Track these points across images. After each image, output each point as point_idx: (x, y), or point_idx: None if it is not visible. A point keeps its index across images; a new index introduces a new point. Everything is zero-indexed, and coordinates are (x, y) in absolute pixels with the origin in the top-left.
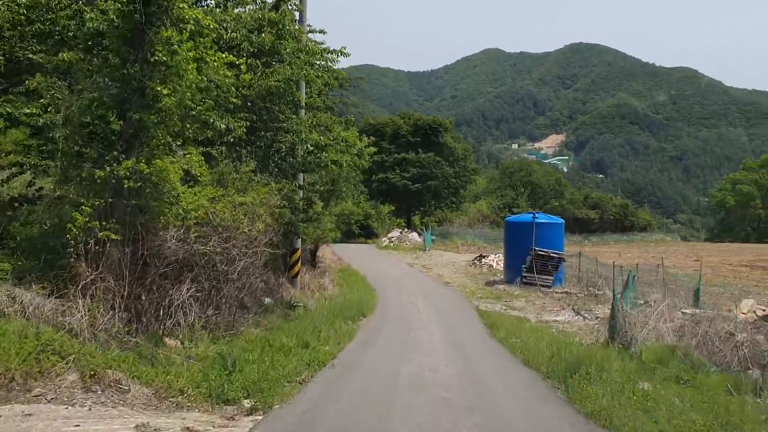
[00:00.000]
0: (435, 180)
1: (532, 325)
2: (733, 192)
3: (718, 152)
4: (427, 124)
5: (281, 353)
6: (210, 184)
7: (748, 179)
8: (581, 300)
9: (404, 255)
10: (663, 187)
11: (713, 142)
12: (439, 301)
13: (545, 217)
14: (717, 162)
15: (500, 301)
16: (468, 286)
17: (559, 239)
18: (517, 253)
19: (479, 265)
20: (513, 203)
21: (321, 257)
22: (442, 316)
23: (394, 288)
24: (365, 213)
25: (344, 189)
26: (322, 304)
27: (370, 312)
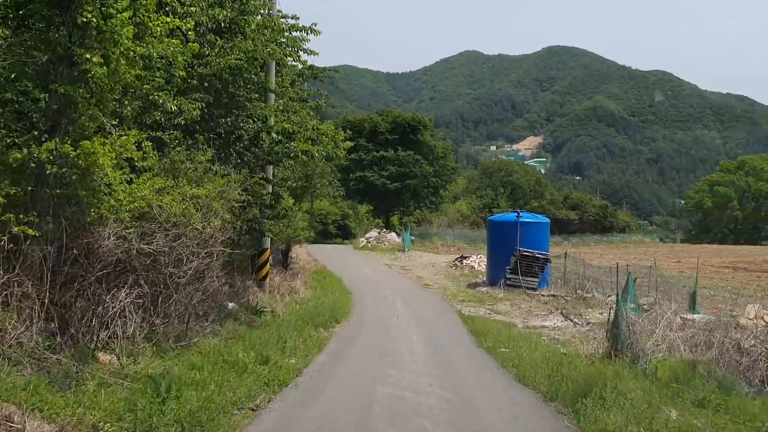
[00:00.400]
0: (414, 179)
1: (520, 331)
2: (710, 193)
3: (693, 155)
4: (406, 122)
5: (234, 371)
6: (160, 174)
7: (725, 181)
8: (569, 303)
9: (382, 256)
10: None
11: (688, 144)
12: (420, 305)
13: (530, 216)
14: (692, 164)
15: (483, 304)
16: (449, 289)
17: (545, 239)
18: (501, 254)
19: (460, 267)
20: (493, 203)
21: (294, 258)
22: (423, 322)
23: (371, 291)
24: (343, 213)
25: (319, 185)
26: (293, 309)
27: (344, 317)
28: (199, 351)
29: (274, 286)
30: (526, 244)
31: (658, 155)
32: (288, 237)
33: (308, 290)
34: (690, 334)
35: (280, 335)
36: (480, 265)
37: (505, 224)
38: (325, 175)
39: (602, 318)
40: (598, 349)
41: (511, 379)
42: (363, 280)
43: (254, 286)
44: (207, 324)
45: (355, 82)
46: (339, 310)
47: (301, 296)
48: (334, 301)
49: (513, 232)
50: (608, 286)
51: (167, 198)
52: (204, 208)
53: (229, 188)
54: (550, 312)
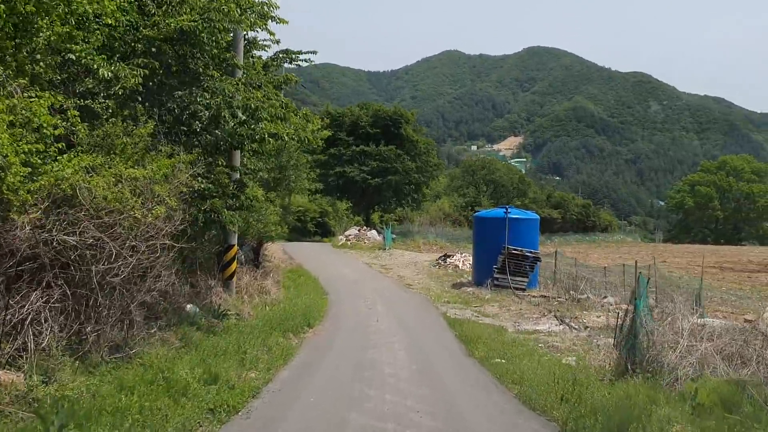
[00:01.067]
0: (396, 175)
1: (513, 337)
2: (691, 193)
3: (671, 156)
4: (387, 116)
5: (169, 396)
6: (90, 150)
7: (706, 180)
8: (563, 305)
9: (362, 254)
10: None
11: (666, 145)
12: (402, 307)
13: (519, 212)
14: (670, 165)
15: (470, 306)
16: (433, 289)
17: (534, 237)
18: (488, 252)
19: (444, 266)
20: (475, 202)
21: (269, 256)
22: (406, 326)
23: (349, 291)
24: (322, 210)
25: (294, 178)
26: (262, 312)
27: (319, 321)
28: (141, 363)
29: (242, 287)
30: (515, 242)
31: (636, 156)
32: (258, 233)
33: (281, 291)
34: (721, 345)
35: (241, 343)
36: (465, 264)
37: (492, 221)
38: (300, 167)
39: (601, 322)
40: (607, 361)
41: (514, 400)
42: (341, 280)
43: (219, 286)
44: (155, 330)
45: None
46: (313, 312)
47: (273, 297)
48: (309, 302)
49: (501, 229)
50: (602, 287)
51: (97, 179)
52: (146, 193)
53: (179, 171)
54: (543, 315)
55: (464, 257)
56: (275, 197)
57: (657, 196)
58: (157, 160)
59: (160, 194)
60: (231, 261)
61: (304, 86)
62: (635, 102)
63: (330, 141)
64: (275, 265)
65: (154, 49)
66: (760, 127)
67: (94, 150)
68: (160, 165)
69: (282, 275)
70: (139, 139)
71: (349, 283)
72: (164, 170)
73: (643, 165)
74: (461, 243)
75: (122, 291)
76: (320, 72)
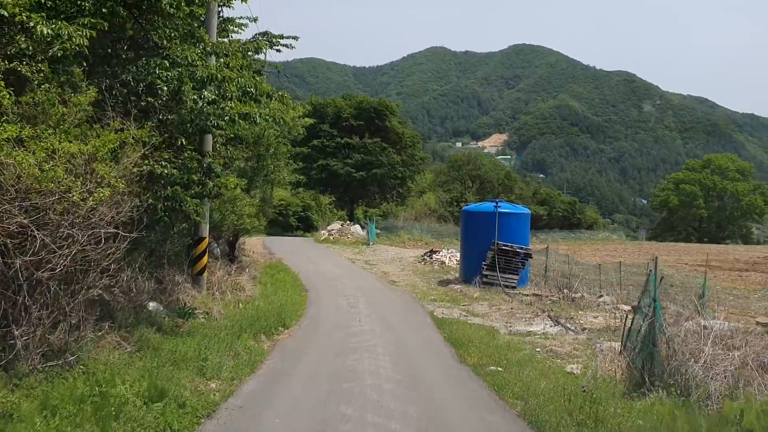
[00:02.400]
0: (381, 168)
1: (508, 340)
2: (676, 192)
3: (654, 155)
4: (371, 107)
5: (97, 420)
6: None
7: (691, 179)
8: (556, 305)
9: (345, 249)
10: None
11: (650, 144)
12: (386, 306)
13: (509, 207)
14: (653, 164)
15: (458, 305)
16: (418, 287)
17: (525, 232)
18: (476, 248)
19: (430, 262)
20: (461, 197)
21: (247, 250)
22: (390, 326)
23: (330, 288)
24: (304, 204)
25: (273, 168)
26: (233, 311)
27: (295, 321)
28: (85, 371)
29: (214, 283)
30: (505, 238)
31: (620, 155)
32: (233, 225)
33: (257, 287)
34: (752, 354)
35: (203, 347)
36: (451, 260)
37: (481, 215)
38: (280, 156)
39: (598, 323)
40: (617, 371)
41: (520, 422)
42: (322, 276)
43: (189, 282)
44: (104, 333)
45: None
46: (290, 311)
47: (248, 294)
48: (286, 300)
49: (490, 224)
50: (596, 285)
51: (24, 154)
52: (86, 173)
53: (131, 150)
54: (536, 314)
55: (451, 253)
56: (253, 188)
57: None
58: (101, 134)
59: (104, 175)
60: (201, 255)
61: (288, 76)
62: (619, 101)
63: (312, 133)
64: (253, 260)
65: (105, 9)
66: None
67: (21, 120)
68: (105, 140)
69: (260, 271)
70: (77, 109)
71: (331, 279)
72: (110, 146)
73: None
74: (447, 239)
75: (58, 288)
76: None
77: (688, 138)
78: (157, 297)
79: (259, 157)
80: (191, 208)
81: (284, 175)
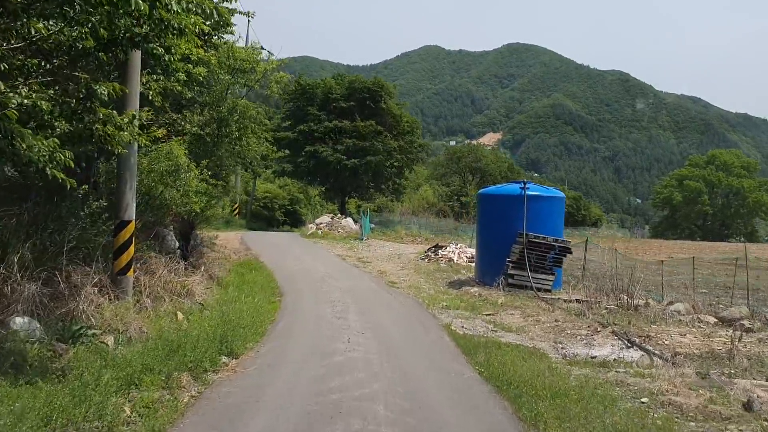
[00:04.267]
0: (376, 155)
1: (578, 377)
2: (679, 188)
3: (648, 154)
4: (365, 87)
5: None
6: None
7: (695, 175)
8: (615, 315)
9: (335, 245)
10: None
11: (644, 144)
12: (385, 316)
13: (539, 189)
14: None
15: (479, 314)
16: (424, 289)
17: (558, 221)
18: (497, 241)
19: (435, 259)
20: (461, 191)
21: (218, 246)
22: (394, 352)
23: (313, 291)
24: (291, 197)
25: (237, 135)
26: (166, 328)
27: (252, 345)
28: None
29: (147, 286)
30: (535, 227)
31: (614, 154)
32: (176, 207)
33: (214, 291)
34: None
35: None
36: (461, 257)
37: (504, 199)
38: (246, 120)
39: (691, 344)
40: None
41: None
42: (305, 276)
43: (107, 284)
44: None
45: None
46: (250, 326)
47: (197, 301)
48: (249, 310)
49: (516, 211)
50: (651, 287)
51: None
52: None
53: None
54: (594, 330)
55: (460, 249)
56: (214, 162)
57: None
58: None
59: None
60: (125, 246)
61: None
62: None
63: (299, 116)
64: (225, 257)
65: None
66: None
67: None
68: None
69: (227, 269)
70: None
71: (315, 280)
72: None
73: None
74: (447, 235)
75: None
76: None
77: (682, 137)
78: (42, 307)
79: (220, 122)
80: (32, 149)
81: (253, 146)
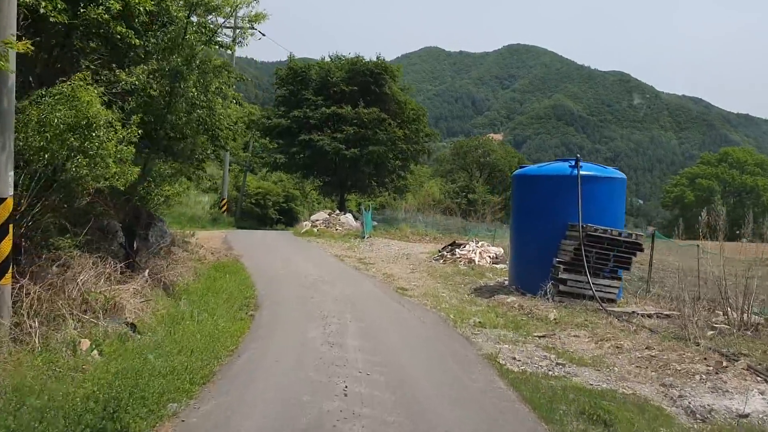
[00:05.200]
0: (378, 145)
1: None
2: (691, 187)
3: (650, 155)
4: (367, 69)
5: None
6: None
7: (707, 173)
8: (727, 338)
9: (332, 244)
10: None
11: (645, 144)
12: (399, 343)
13: (594, 168)
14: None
15: (527, 335)
16: (444, 298)
17: (620, 209)
18: (540, 236)
19: (452, 260)
20: (468, 188)
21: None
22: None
23: (300, 302)
24: (286, 194)
25: (195, 93)
26: (41, 371)
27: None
28: None
29: (43, 300)
30: (591, 218)
31: (615, 155)
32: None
33: (162, 304)
34: None
35: None
36: (483, 257)
37: (549, 181)
38: (208, 74)
39: None
40: None
41: None
42: (292, 280)
43: None
44: None
45: None
46: (184, 370)
47: (127, 320)
48: (205, 332)
49: (565, 196)
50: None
51: None
52: None
53: None
54: (719, 364)
55: (481, 247)
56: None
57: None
58: None
59: None
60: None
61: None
62: (615, 101)
63: (292, 102)
64: (197, 258)
65: None
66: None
67: None
68: None
69: (195, 273)
70: None
71: (305, 286)
72: None
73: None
74: (455, 234)
75: None
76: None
77: (684, 138)
78: None
79: (176, 76)
80: None
81: (219, 110)
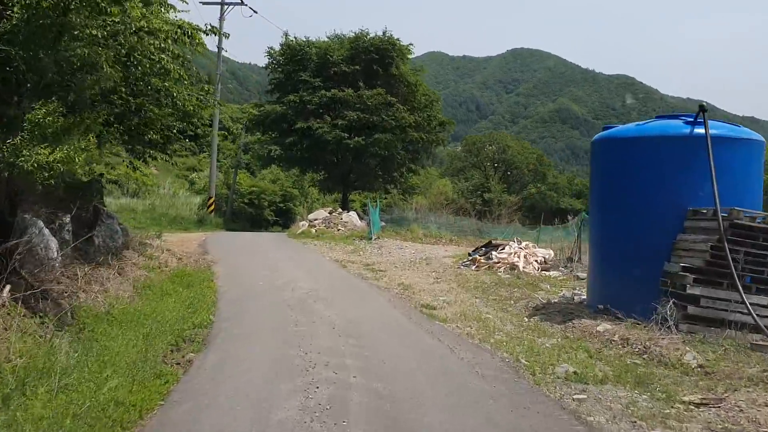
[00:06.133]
0: (386, 132)
1: None
2: None
3: None
4: (372, 46)
5: None
6: None
7: None
8: None
9: (333, 246)
10: None
11: None
12: None
13: (723, 127)
14: None
15: (668, 399)
16: (492, 323)
17: (757, 184)
18: (640, 229)
19: (487, 266)
20: (483, 186)
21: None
22: None
23: (276, 335)
24: (284, 193)
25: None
26: None
27: None
28: None
29: None
30: (728, 197)
31: None
32: None
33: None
34: None
35: None
36: (530, 261)
37: (655, 145)
38: None
39: None
40: None
41: None
42: (272, 296)
43: None
44: None
45: None
46: None
47: None
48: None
49: (684, 167)
50: None
51: None
52: None
53: None
54: None
55: (526, 249)
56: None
57: None
58: None
59: None
60: None
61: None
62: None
63: (287, 85)
64: (155, 266)
65: None
66: None
67: None
68: None
69: (132, 288)
70: None
71: (289, 305)
72: None
73: None
74: (470, 236)
75: None
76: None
77: None
78: None
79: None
80: None
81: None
